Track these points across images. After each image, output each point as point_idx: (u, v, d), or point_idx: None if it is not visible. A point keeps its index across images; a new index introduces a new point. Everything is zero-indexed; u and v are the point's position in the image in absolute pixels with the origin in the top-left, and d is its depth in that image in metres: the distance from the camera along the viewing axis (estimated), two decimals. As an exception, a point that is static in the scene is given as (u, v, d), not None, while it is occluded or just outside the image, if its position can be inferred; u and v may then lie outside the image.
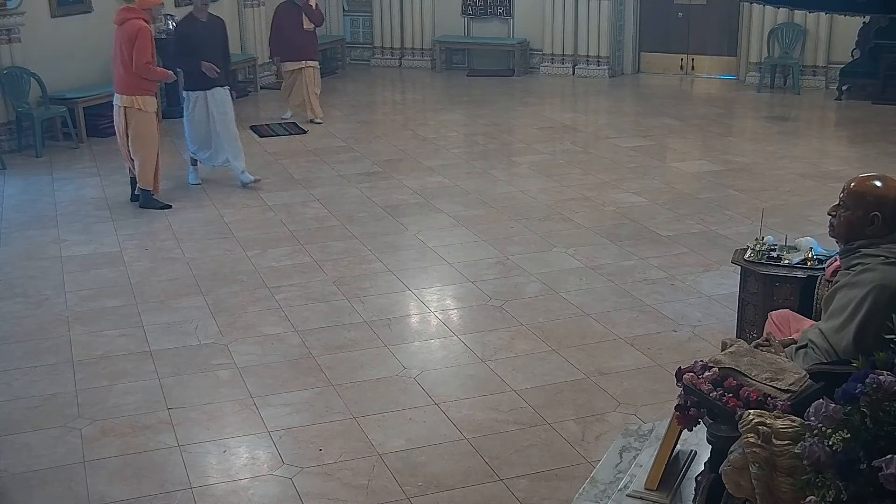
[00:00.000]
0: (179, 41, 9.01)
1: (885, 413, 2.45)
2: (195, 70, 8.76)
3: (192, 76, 8.89)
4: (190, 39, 8.82)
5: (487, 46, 15.23)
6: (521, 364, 5.44)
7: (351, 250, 7.30)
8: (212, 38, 8.91)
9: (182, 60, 8.98)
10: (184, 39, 8.91)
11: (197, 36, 8.83)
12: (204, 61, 8.70)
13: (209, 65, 8.70)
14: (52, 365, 5.53)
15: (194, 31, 8.87)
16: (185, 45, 8.86)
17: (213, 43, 8.90)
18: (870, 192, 3.50)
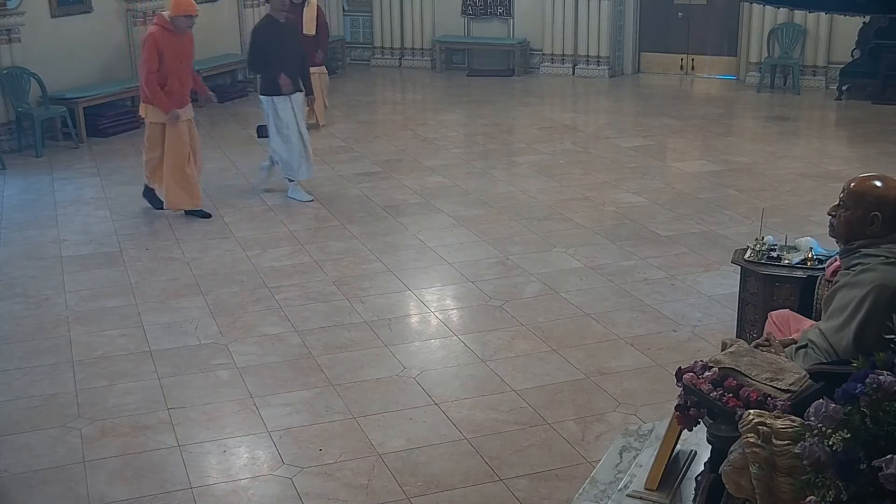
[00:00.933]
0: (257, 45, 8.39)
1: (885, 413, 2.45)
2: (274, 76, 8.25)
3: (270, 81, 8.34)
4: (269, 43, 8.23)
5: (487, 46, 15.23)
6: (521, 364, 5.44)
7: (351, 250, 7.30)
8: (291, 40, 8.42)
9: (260, 66, 8.45)
10: (262, 43, 8.30)
11: (276, 39, 8.27)
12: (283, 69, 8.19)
13: (287, 81, 8.21)
14: (52, 365, 5.53)
15: (273, 33, 8.30)
16: (263, 49, 8.27)
17: (291, 46, 8.39)
18: (870, 192, 3.50)
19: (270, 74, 8.30)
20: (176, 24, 7.51)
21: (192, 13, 7.56)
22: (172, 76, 7.67)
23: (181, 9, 7.51)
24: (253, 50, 8.50)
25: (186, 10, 7.52)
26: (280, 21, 8.36)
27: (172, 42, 7.59)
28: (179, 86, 7.77)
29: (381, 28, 15.70)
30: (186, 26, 7.57)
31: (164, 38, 7.53)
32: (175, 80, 7.70)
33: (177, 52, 7.63)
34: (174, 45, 7.62)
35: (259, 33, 8.46)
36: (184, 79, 7.82)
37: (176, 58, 7.63)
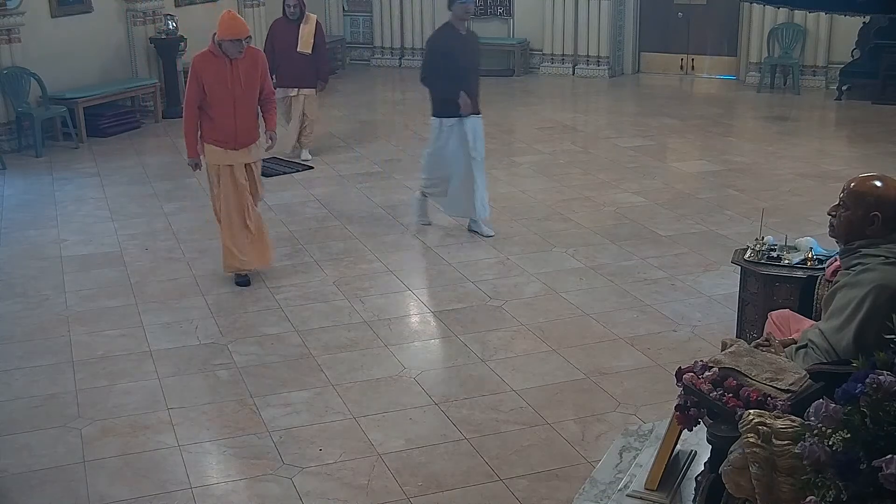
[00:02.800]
0: (433, 57, 7.26)
1: (885, 413, 2.45)
2: (450, 94, 7.17)
3: (444, 100, 7.25)
4: (446, 56, 7.12)
5: (487, 46, 15.17)
6: (521, 364, 5.44)
7: (351, 250, 7.30)
8: (471, 55, 7.33)
9: (434, 81, 7.27)
10: (438, 55, 7.19)
11: (455, 52, 7.15)
12: (462, 86, 7.15)
13: (466, 100, 7.15)
14: (52, 365, 5.53)
15: (452, 45, 7.18)
16: (439, 63, 7.15)
17: (471, 61, 7.32)
18: (870, 192, 3.50)
19: (445, 93, 7.20)
20: (223, 49, 6.26)
21: (239, 36, 6.22)
22: (220, 109, 6.33)
23: (226, 31, 6.21)
24: (427, 63, 7.35)
25: (233, 33, 6.19)
26: (461, 32, 7.26)
27: (218, 69, 6.28)
28: (233, 122, 6.35)
29: (381, 28, 15.71)
30: (236, 52, 6.24)
31: (207, 64, 6.30)
32: (225, 114, 6.33)
33: (224, 80, 6.28)
34: (221, 72, 6.28)
35: (436, 44, 7.32)
36: (242, 114, 6.38)
37: (224, 87, 6.29)
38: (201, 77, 6.28)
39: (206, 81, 6.27)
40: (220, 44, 6.24)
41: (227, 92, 6.31)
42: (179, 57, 12.26)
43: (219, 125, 6.34)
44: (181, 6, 12.76)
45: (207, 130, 6.40)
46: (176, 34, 12.17)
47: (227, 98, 6.31)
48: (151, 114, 12.00)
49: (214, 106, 6.32)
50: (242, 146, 6.44)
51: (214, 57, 6.30)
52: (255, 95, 6.45)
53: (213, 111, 6.33)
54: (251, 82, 6.39)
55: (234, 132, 6.37)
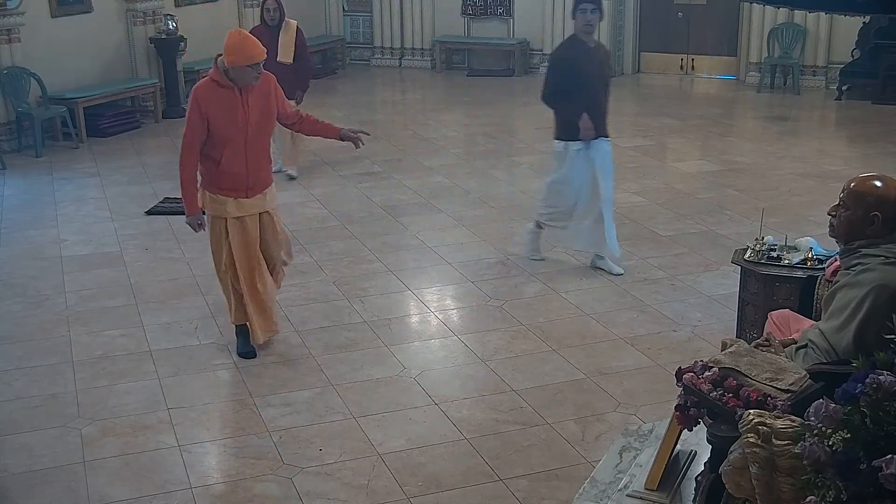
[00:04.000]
0: (555, 73, 6.51)
1: (885, 413, 2.45)
2: (572, 115, 6.44)
3: (568, 121, 6.51)
4: (570, 72, 6.37)
5: (487, 46, 15.22)
6: (521, 364, 5.44)
7: (351, 250, 7.30)
8: (598, 70, 6.52)
9: (557, 100, 6.51)
10: (561, 71, 6.45)
11: (579, 67, 6.38)
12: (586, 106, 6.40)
13: (588, 123, 6.39)
14: (52, 365, 5.53)
15: (576, 59, 6.41)
16: (564, 79, 6.39)
17: (598, 77, 6.52)
18: (870, 192, 3.50)
19: (569, 113, 6.48)
20: (234, 76, 5.12)
21: (256, 60, 5.09)
22: (229, 150, 5.19)
23: (238, 55, 5.05)
24: (548, 79, 6.56)
25: (247, 56, 5.06)
26: (588, 45, 6.46)
27: (227, 101, 5.14)
28: (244, 165, 5.24)
29: (381, 28, 15.70)
30: (251, 78, 5.14)
31: (212, 95, 5.13)
32: (235, 156, 5.21)
33: (234, 114, 5.15)
34: (230, 105, 5.15)
35: (558, 58, 6.60)
36: (255, 154, 5.29)
37: (233, 123, 5.15)
38: (206, 112, 5.10)
39: (212, 117, 5.11)
40: (228, 70, 5.10)
41: (238, 129, 5.16)
42: (179, 57, 12.27)
43: (227, 170, 5.20)
44: (181, 6, 12.75)
45: (211, 177, 5.24)
46: (176, 34, 12.17)
47: (238, 136, 5.17)
48: (151, 114, 12.00)
49: (221, 147, 5.17)
50: (255, 193, 5.34)
51: (220, 87, 5.14)
52: (270, 130, 5.44)
53: (218, 153, 5.18)
54: (266, 114, 5.30)
55: (245, 178, 5.25)
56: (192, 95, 5.21)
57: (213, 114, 5.13)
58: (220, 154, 5.20)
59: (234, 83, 5.14)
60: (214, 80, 5.16)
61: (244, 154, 5.24)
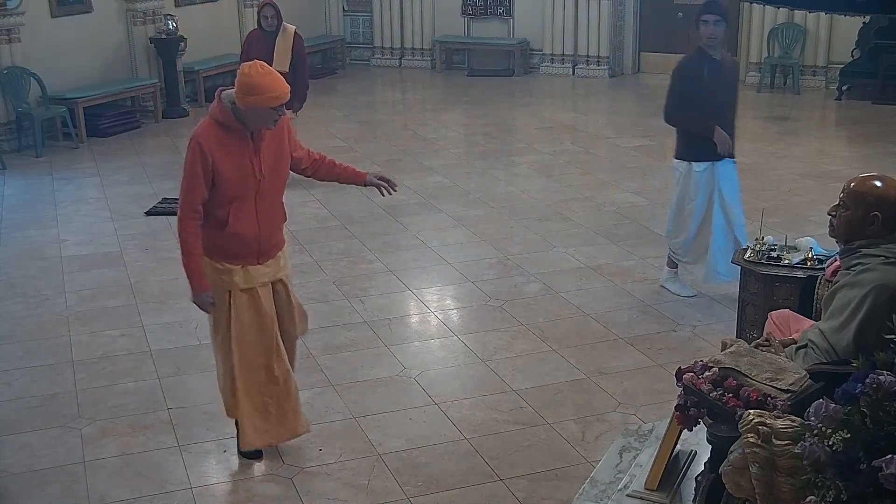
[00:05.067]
0: (678, 88, 6.14)
1: (885, 413, 2.45)
2: (699, 132, 6.06)
3: (694, 140, 6.12)
4: (695, 86, 6.00)
5: (487, 46, 15.22)
6: (521, 364, 5.44)
7: (351, 250, 7.30)
8: (725, 84, 6.13)
9: (681, 117, 6.17)
10: (685, 86, 6.08)
11: (704, 81, 5.99)
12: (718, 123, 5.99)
13: (723, 136, 5.98)
14: (52, 365, 5.53)
15: (701, 73, 6.01)
16: (686, 95, 6.07)
17: (726, 92, 6.13)
18: (870, 192, 3.50)
19: (695, 128, 6.10)
20: (249, 119, 4.09)
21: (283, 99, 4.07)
22: (238, 208, 4.19)
23: (265, 96, 4.02)
24: (671, 95, 6.19)
25: (276, 98, 4.04)
26: (715, 57, 6.02)
27: (236, 148, 4.14)
28: (255, 224, 4.24)
29: (381, 28, 15.70)
30: (270, 122, 4.12)
31: (218, 141, 4.11)
32: (244, 214, 4.20)
33: (245, 163, 4.16)
34: (240, 152, 4.15)
35: (681, 72, 6.16)
36: (267, 210, 4.28)
37: (244, 175, 4.16)
38: (214, 163, 4.08)
39: (220, 169, 4.09)
40: (246, 112, 4.07)
41: (250, 181, 4.17)
42: (179, 57, 12.26)
43: (235, 233, 4.19)
44: (181, 6, 12.75)
45: (213, 242, 4.22)
46: (176, 34, 12.17)
47: (249, 190, 4.19)
48: (151, 114, 12.00)
49: (228, 204, 4.17)
50: (268, 258, 4.35)
51: (227, 131, 4.12)
52: (285, 181, 4.40)
53: (224, 212, 4.17)
54: (281, 162, 4.31)
55: (256, 241, 4.25)
56: (193, 144, 4.10)
57: (221, 164, 4.09)
58: (225, 213, 4.16)
59: (242, 125, 4.11)
60: (220, 122, 4.11)
61: (255, 212, 4.21)
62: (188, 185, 4.12)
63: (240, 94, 4.03)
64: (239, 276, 4.27)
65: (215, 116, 4.14)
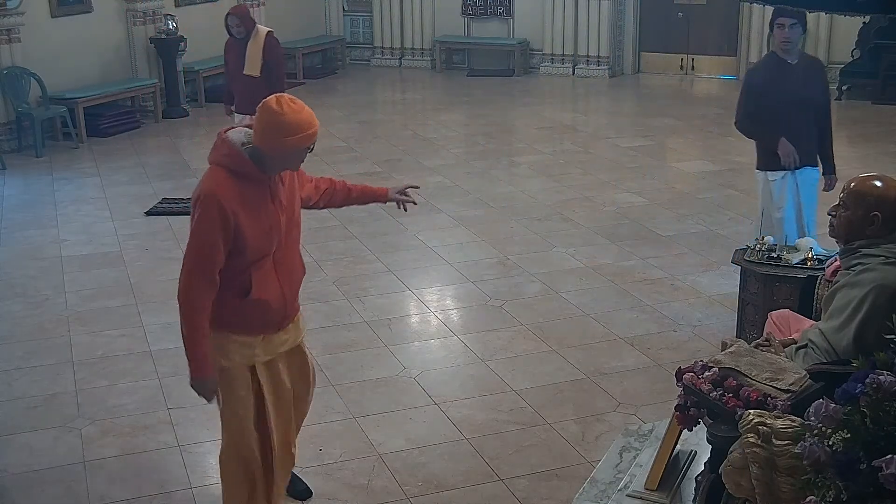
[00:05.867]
0: (748, 94, 5.85)
1: (885, 413, 2.45)
2: (770, 141, 5.79)
3: (765, 150, 5.90)
4: (765, 92, 5.75)
5: (487, 46, 15.22)
6: (521, 364, 5.44)
7: (351, 250, 7.30)
8: (802, 91, 5.74)
9: (750, 125, 5.89)
10: (755, 92, 5.79)
11: (775, 87, 5.74)
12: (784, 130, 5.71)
13: (787, 149, 5.70)
14: (52, 365, 5.53)
15: (772, 78, 5.74)
16: (758, 102, 5.77)
17: (802, 99, 5.74)
18: (870, 192, 3.50)
19: (764, 139, 5.88)
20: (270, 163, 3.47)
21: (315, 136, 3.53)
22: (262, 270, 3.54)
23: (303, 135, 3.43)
24: (741, 101, 5.90)
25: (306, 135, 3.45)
26: (788, 62, 5.74)
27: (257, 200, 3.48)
28: (277, 283, 3.59)
29: (381, 28, 15.70)
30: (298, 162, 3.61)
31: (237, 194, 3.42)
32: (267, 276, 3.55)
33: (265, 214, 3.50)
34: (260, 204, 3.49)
35: (752, 77, 5.93)
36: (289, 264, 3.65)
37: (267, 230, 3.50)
38: (236, 221, 3.39)
39: (243, 228, 3.40)
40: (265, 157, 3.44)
41: (274, 236, 3.52)
42: (179, 57, 12.26)
43: (258, 299, 3.53)
44: (181, 6, 12.75)
45: (234, 312, 3.53)
46: (176, 34, 12.17)
47: (267, 244, 3.51)
48: (151, 114, 12.00)
49: (248, 267, 3.49)
50: (289, 321, 3.73)
51: (244, 180, 3.44)
52: (300, 227, 3.77)
53: (246, 277, 3.50)
54: (295, 206, 3.70)
55: (281, 305, 3.62)
56: (209, 202, 3.37)
57: (244, 223, 3.40)
58: (247, 278, 3.49)
59: (260, 169, 3.45)
60: (234, 171, 3.43)
61: (275, 270, 3.57)
62: (203, 253, 3.38)
63: (270, 135, 3.37)
64: (260, 347, 3.64)
65: (226, 164, 3.43)
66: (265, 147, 3.42)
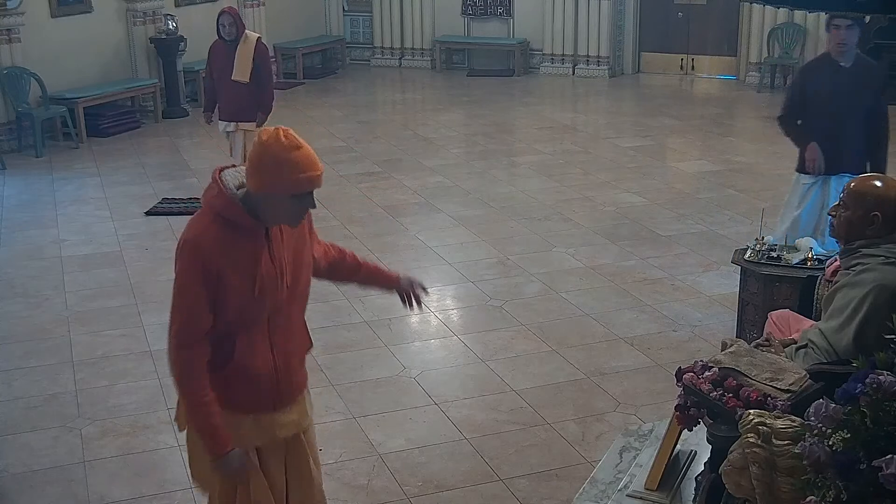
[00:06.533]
0: (794, 92, 5.89)
1: (885, 413, 2.45)
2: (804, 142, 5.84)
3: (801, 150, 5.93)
4: (811, 93, 5.70)
5: (487, 46, 15.22)
6: (521, 364, 5.44)
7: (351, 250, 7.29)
8: (852, 95, 5.61)
9: (791, 124, 5.90)
10: (801, 91, 5.81)
11: (822, 89, 5.65)
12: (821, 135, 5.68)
13: (815, 154, 5.68)
14: (52, 365, 5.52)
15: (821, 80, 5.70)
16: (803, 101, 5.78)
17: (850, 104, 5.61)
18: (870, 192, 3.50)
19: (798, 139, 5.87)
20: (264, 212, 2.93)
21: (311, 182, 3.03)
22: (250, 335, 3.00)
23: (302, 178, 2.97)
24: (787, 98, 5.91)
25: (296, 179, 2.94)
26: (842, 64, 5.64)
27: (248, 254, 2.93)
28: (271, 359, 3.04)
29: (381, 28, 15.70)
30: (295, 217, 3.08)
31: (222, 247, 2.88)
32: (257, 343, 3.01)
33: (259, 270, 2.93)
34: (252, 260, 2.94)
35: (801, 76, 5.94)
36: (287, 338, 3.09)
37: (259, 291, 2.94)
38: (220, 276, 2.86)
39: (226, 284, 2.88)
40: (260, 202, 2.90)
41: (266, 297, 2.96)
42: (179, 57, 12.27)
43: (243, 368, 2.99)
44: (181, 6, 12.76)
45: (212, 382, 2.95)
46: (176, 34, 12.17)
47: (256, 308, 2.96)
48: (151, 114, 12.00)
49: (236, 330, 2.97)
50: (287, 403, 3.14)
51: (234, 230, 2.89)
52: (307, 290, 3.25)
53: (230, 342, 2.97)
54: (302, 266, 3.21)
55: (273, 379, 3.06)
56: (188, 250, 2.87)
57: (228, 278, 2.87)
58: (232, 343, 2.97)
59: (255, 219, 2.91)
60: (224, 218, 2.88)
61: (269, 338, 3.03)
62: (189, 312, 2.87)
63: (262, 175, 2.83)
64: (247, 426, 3.04)
65: (216, 209, 2.88)
66: (257, 189, 2.85)
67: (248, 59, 7.93)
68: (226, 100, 8.03)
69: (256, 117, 8.03)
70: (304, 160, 2.93)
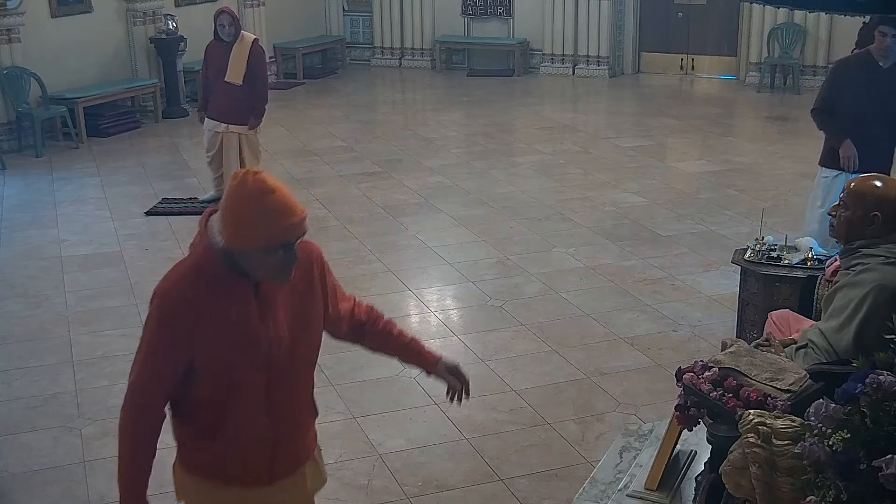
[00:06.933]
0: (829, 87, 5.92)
1: (885, 413, 2.45)
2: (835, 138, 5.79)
3: (827, 144, 5.92)
4: (844, 89, 5.74)
5: (487, 46, 15.23)
6: (521, 364, 5.44)
7: (351, 250, 7.30)
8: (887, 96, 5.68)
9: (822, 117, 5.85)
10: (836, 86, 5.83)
11: (856, 87, 5.71)
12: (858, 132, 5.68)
13: (849, 151, 5.66)
14: (52, 365, 5.52)
15: (856, 78, 5.74)
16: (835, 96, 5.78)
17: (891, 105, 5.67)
18: (870, 192, 3.50)
19: (830, 133, 5.82)
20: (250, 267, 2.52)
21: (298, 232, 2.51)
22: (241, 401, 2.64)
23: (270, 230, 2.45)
24: (821, 91, 5.93)
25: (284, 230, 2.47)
26: (880, 64, 5.71)
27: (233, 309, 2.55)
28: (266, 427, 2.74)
29: (381, 28, 15.70)
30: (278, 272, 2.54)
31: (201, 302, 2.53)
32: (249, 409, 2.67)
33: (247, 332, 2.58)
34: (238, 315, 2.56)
35: (837, 71, 5.96)
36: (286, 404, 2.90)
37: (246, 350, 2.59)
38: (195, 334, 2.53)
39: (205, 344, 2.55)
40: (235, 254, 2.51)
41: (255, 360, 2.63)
42: (179, 57, 12.27)
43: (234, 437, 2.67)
44: (181, 6, 12.76)
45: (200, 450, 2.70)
46: (176, 34, 12.18)
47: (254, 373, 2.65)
48: (151, 114, 12.00)
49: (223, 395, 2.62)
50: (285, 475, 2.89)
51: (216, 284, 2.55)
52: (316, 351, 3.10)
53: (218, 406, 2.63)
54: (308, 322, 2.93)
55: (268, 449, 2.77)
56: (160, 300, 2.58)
57: (208, 338, 2.54)
58: (220, 408, 2.63)
59: (239, 273, 2.55)
60: (204, 268, 2.55)
61: (265, 404, 2.71)
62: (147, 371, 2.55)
63: (226, 228, 2.49)
64: (234, 499, 2.72)
65: (196, 257, 2.58)
66: (229, 244, 2.48)
67: (243, 60, 7.87)
68: (217, 100, 7.99)
69: (249, 121, 8.03)
70: (277, 208, 2.45)
